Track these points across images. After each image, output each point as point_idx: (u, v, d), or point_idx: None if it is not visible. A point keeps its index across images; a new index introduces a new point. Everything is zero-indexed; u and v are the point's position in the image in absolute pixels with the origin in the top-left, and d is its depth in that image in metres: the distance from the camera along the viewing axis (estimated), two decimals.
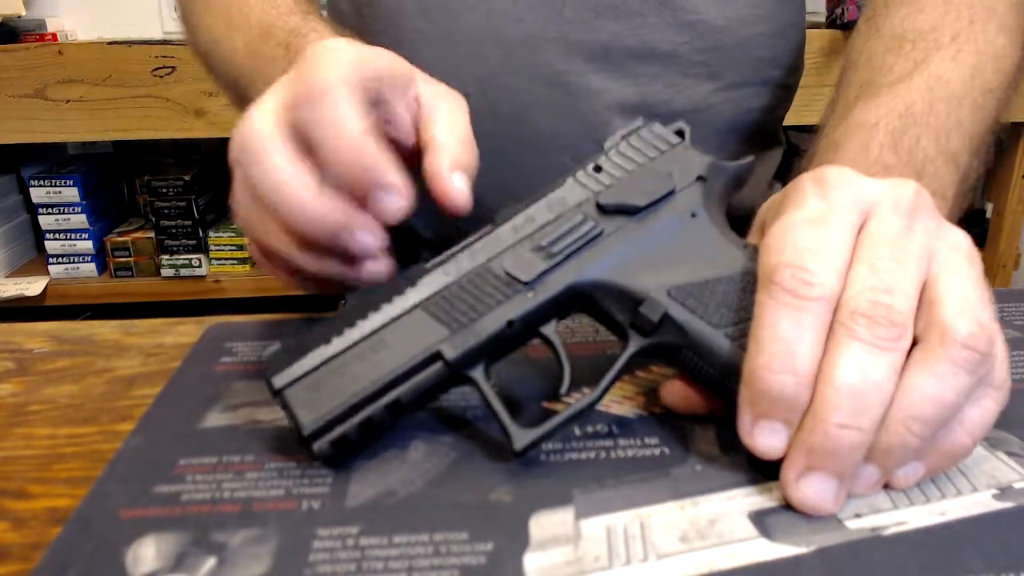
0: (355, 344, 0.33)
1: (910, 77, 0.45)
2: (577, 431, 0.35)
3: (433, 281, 0.34)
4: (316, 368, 0.33)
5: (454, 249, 0.35)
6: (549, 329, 0.35)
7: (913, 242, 0.30)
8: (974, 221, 1.86)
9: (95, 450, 0.35)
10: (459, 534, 0.29)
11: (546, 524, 0.29)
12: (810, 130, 0.94)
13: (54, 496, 0.32)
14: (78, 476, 0.34)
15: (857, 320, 0.28)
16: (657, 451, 0.33)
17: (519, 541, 0.28)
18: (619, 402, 0.37)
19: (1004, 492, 0.30)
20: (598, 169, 0.36)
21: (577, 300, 0.35)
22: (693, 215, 0.35)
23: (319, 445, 0.32)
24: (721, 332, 0.32)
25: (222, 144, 1.47)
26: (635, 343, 0.34)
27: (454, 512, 0.30)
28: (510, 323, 0.33)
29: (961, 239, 0.31)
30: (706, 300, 0.33)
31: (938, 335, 0.28)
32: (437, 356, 0.33)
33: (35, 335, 0.47)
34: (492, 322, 0.33)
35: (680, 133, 0.37)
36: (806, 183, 0.32)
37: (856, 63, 0.50)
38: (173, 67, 1.49)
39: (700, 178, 0.36)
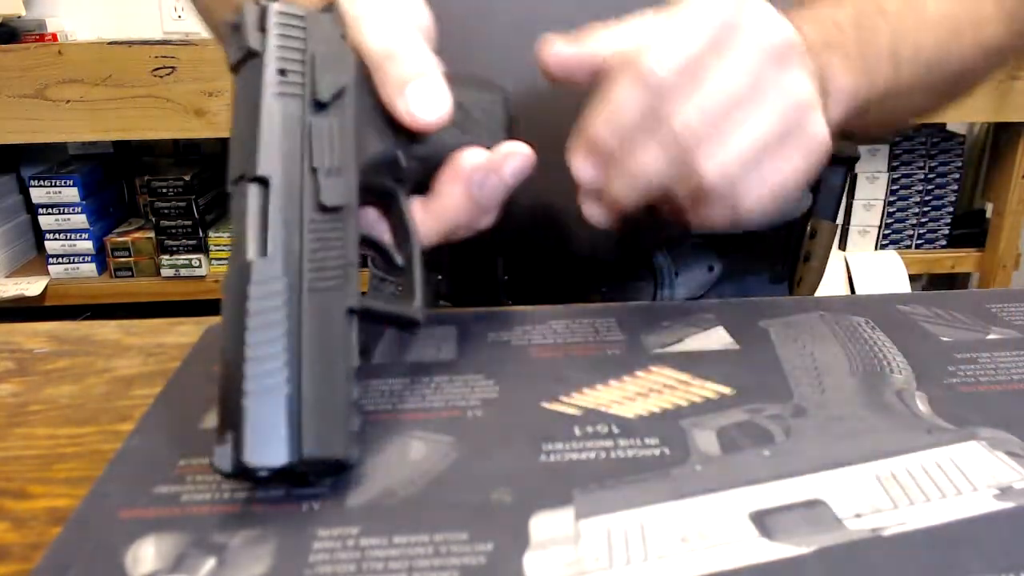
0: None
1: None
2: (577, 431, 0.35)
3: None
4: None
5: None
6: None
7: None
8: (974, 221, 1.87)
9: (95, 450, 0.35)
10: (459, 534, 0.29)
11: (546, 524, 0.29)
12: None
13: (54, 496, 0.32)
14: (78, 476, 0.34)
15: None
16: (657, 451, 0.33)
17: (519, 541, 0.28)
18: (619, 402, 0.37)
19: (1005, 492, 0.30)
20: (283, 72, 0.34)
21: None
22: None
23: None
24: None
25: (222, 144, 1.47)
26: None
27: (454, 512, 0.30)
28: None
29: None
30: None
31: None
32: None
33: (35, 335, 0.47)
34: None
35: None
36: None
37: None
38: (173, 67, 1.49)
39: None
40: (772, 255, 0.67)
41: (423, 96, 0.36)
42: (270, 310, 0.30)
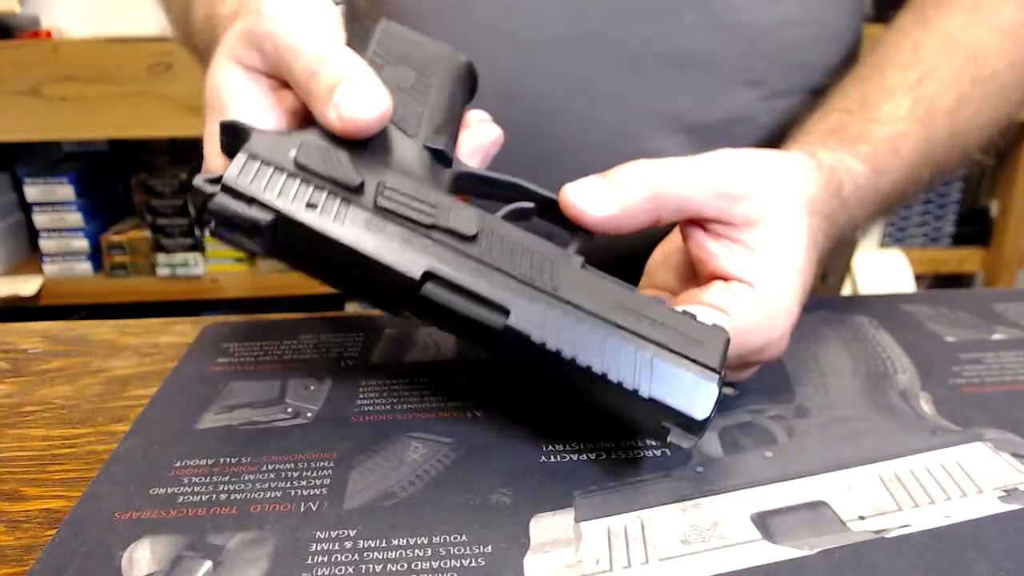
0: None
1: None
2: (577, 431, 0.35)
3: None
4: None
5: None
6: None
7: None
8: (979, 219, 1.87)
9: (90, 451, 0.35)
10: (458, 536, 0.28)
11: (546, 526, 0.29)
12: None
13: (49, 498, 0.32)
14: (73, 478, 0.33)
15: None
16: (658, 452, 0.33)
17: (519, 543, 0.28)
18: None
19: (1010, 494, 0.30)
20: None
21: None
22: None
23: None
24: None
25: None
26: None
27: (453, 514, 0.30)
28: None
29: None
30: None
31: None
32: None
33: (29, 335, 0.47)
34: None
35: None
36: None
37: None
38: (169, 64, 1.49)
39: None
40: None
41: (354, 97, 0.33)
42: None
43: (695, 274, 0.37)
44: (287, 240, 0.31)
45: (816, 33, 0.55)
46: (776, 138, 0.55)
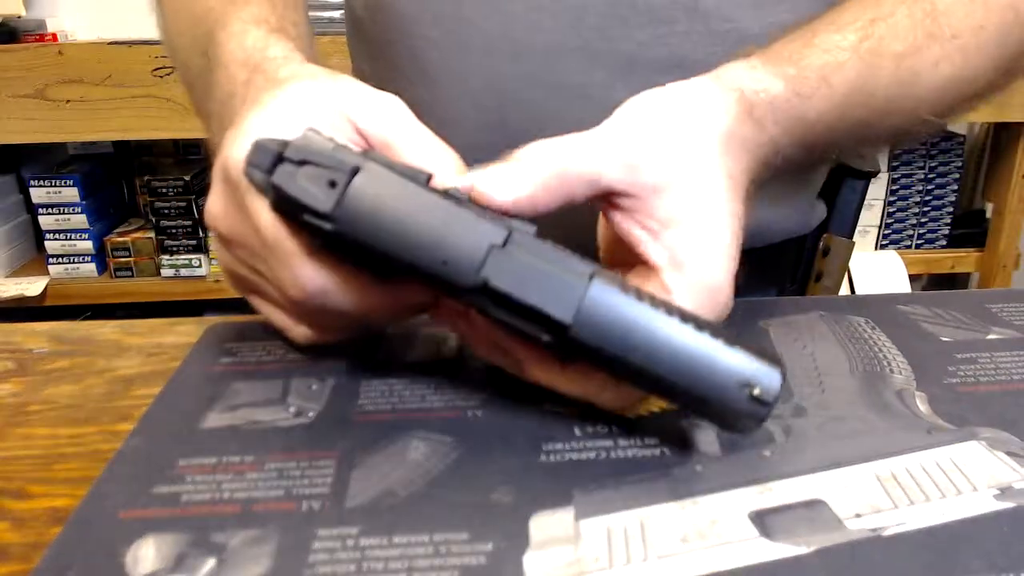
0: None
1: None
2: (577, 431, 0.35)
3: None
4: None
5: None
6: None
7: None
8: (974, 221, 1.87)
9: (95, 450, 0.35)
10: (459, 534, 0.29)
11: (546, 524, 0.29)
12: None
13: (54, 496, 0.32)
14: (78, 476, 0.33)
15: None
16: (657, 451, 0.33)
17: (519, 541, 0.28)
18: None
19: (1004, 492, 0.30)
20: None
21: None
22: None
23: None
24: None
25: None
26: None
27: (454, 512, 0.30)
28: None
29: None
30: None
31: None
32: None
33: (35, 335, 0.47)
34: None
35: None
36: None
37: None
38: (173, 67, 1.49)
39: None
40: (780, 273, 0.64)
41: None
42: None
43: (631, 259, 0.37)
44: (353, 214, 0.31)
45: None
46: None
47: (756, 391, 0.31)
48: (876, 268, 1.67)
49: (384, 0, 0.56)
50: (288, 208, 0.33)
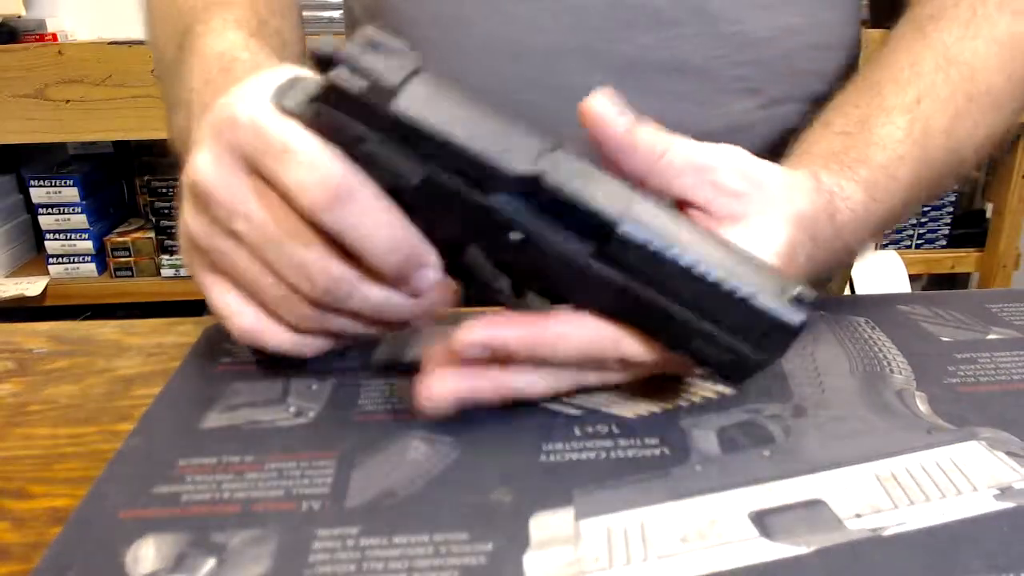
0: None
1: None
2: (577, 431, 0.35)
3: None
4: None
5: None
6: None
7: None
8: (974, 221, 1.87)
9: (95, 450, 0.35)
10: (459, 534, 0.29)
11: (546, 524, 0.29)
12: None
13: (54, 496, 0.32)
14: (78, 476, 0.33)
15: None
16: (657, 451, 0.33)
17: (519, 541, 0.28)
18: (619, 402, 0.37)
19: (1004, 492, 0.30)
20: None
21: None
22: None
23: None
24: None
25: None
26: None
27: (454, 512, 0.30)
28: None
29: None
30: None
31: None
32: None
33: (35, 335, 0.47)
34: None
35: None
36: None
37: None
38: None
39: None
40: None
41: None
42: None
43: None
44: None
45: (815, 41, 0.55)
46: (774, 146, 0.55)
47: (797, 290, 0.32)
48: (876, 268, 1.68)
49: (383, 1, 0.56)
50: (338, 114, 0.32)
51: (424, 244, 0.34)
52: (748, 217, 0.35)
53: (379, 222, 0.32)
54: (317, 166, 0.31)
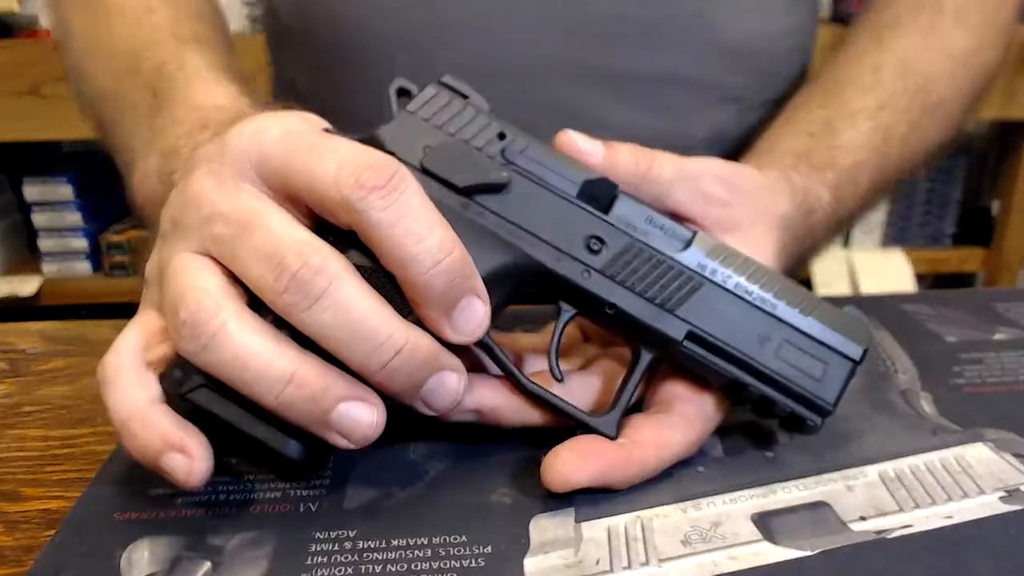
0: None
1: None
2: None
3: None
4: None
5: None
6: None
7: None
8: (980, 219, 1.86)
9: (89, 452, 0.35)
10: (458, 537, 0.28)
11: (546, 527, 0.29)
12: None
13: (47, 498, 0.32)
14: (72, 478, 0.33)
15: None
16: None
17: (519, 544, 0.28)
18: None
19: (1011, 495, 0.30)
20: None
21: None
22: None
23: None
24: None
25: None
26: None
27: (453, 514, 0.29)
28: None
29: None
30: None
31: None
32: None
33: (28, 335, 0.47)
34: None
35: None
36: None
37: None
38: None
39: None
40: None
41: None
42: None
43: None
44: None
45: (796, 43, 0.56)
46: (742, 148, 0.54)
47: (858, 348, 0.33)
48: (881, 267, 1.68)
49: (338, 19, 0.53)
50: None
51: (475, 269, 0.29)
52: (740, 227, 0.36)
53: (431, 222, 0.27)
54: (367, 151, 0.28)
